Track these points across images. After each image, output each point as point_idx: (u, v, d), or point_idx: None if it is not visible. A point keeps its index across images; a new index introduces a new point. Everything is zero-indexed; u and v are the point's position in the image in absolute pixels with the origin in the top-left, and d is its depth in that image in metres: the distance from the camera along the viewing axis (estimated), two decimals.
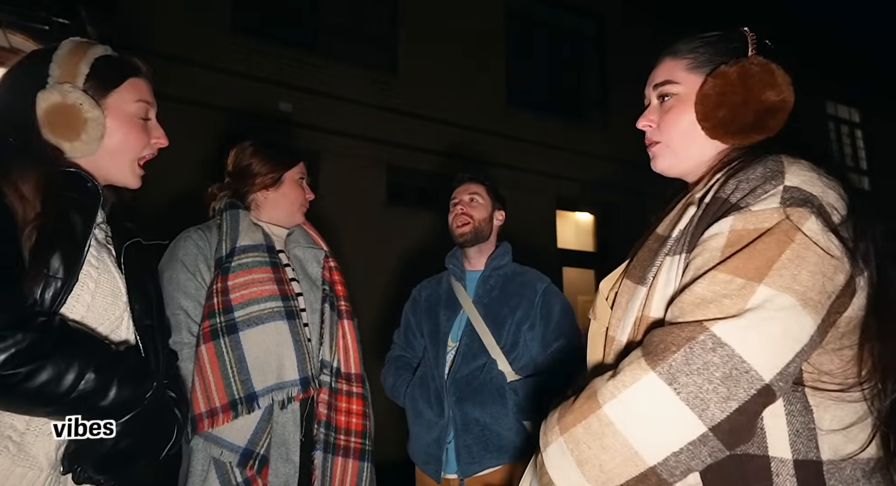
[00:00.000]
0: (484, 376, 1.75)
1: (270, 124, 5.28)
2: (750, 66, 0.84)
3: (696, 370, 0.66)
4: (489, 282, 1.87)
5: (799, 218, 0.70)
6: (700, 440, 0.66)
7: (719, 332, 0.66)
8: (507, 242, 1.98)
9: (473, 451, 1.70)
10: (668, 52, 0.94)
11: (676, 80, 0.91)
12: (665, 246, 0.83)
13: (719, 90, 0.84)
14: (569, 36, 7.72)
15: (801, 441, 0.71)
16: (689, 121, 0.89)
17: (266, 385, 1.45)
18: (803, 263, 0.68)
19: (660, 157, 0.95)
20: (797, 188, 0.72)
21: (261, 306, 1.49)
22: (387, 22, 6.30)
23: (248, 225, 1.61)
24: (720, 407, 0.65)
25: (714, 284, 0.70)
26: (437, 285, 2.00)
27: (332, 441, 1.54)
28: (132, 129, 1.03)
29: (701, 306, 0.70)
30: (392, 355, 2.04)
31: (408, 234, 5.74)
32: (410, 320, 2.01)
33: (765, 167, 0.76)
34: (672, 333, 0.70)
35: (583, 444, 0.72)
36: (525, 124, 6.81)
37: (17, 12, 3.19)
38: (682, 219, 0.82)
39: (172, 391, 1.10)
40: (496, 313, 1.81)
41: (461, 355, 1.79)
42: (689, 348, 0.67)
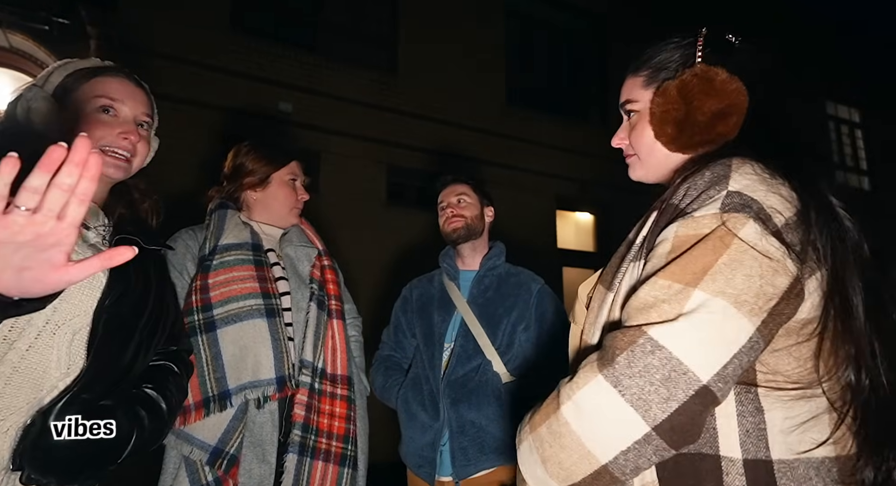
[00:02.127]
0: (479, 377, 1.74)
1: (270, 124, 5.28)
2: (689, 79, 0.84)
3: (638, 373, 0.68)
4: (484, 282, 1.86)
5: (735, 223, 0.71)
6: (644, 439, 0.68)
7: (656, 335, 0.69)
8: (500, 241, 1.97)
9: (469, 453, 1.69)
10: (630, 70, 0.97)
11: (635, 97, 0.94)
12: (630, 252, 0.85)
13: (661, 108, 0.87)
14: (569, 36, 7.72)
15: (751, 441, 0.73)
16: (650, 136, 0.91)
17: (240, 383, 1.43)
18: (738, 267, 0.70)
19: (633, 168, 0.99)
20: (738, 193, 0.74)
21: (239, 303, 1.48)
22: (387, 22, 6.30)
23: (234, 224, 1.60)
24: (661, 408, 0.67)
25: (654, 289, 0.73)
26: (429, 283, 1.98)
27: (310, 444, 1.49)
28: (86, 122, 1.04)
29: (643, 310, 0.72)
30: (381, 355, 2.02)
31: (407, 234, 5.74)
32: (401, 319, 1.99)
33: (712, 172, 0.77)
34: (617, 337, 0.72)
35: (545, 442, 0.75)
36: (525, 124, 6.81)
37: (17, 12, 3.19)
38: (646, 225, 0.84)
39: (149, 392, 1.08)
40: (491, 313, 1.80)
41: (456, 357, 1.78)
42: (631, 351, 0.70)
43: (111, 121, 1.06)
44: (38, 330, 0.89)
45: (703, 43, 0.88)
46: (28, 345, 0.88)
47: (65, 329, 0.92)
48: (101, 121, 1.04)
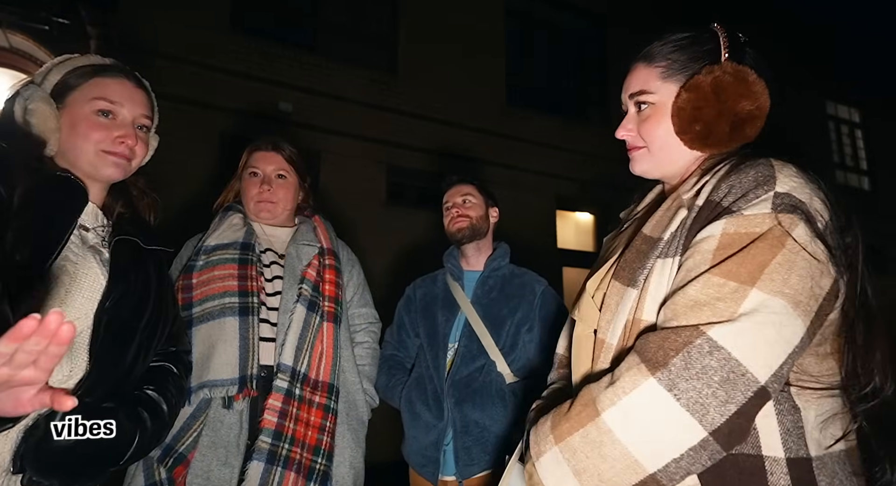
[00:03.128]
0: (483, 377, 1.74)
1: (270, 124, 5.28)
2: (723, 77, 0.83)
3: (695, 375, 0.66)
4: (488, 283, 1.86)
5: (789, 224, 0.71)
6: (701, 445, 0.66)
7: (715, 336, 0.67)
8: (504, 243, 1.97)
9: (473, 453, 1.69)
10: (641, 58, 0.93)
11: (651, 89, 0.91)
12: (656, 248, 0.82)
13: (694, 104, 0.84)
14: (569, 36, 7.71)
15: (792, 439, 0.72)
16: (666, 129, 0.89)
17: (200, 381, 1.39)
18: (793, 267, 0.69)
19: (639, 161, 0.95)
20: (787, 194, 0.74)
21: (215, 302, 1.46)
22: (387, 22, 6.30)
23: (229, 225, 1.59)
24: (720, 411, 0.66)
25: (707, 287, 0.71)
26: (433, 283, 1.98)
27: (283, 453, 1.40)
28: (84, 123, 1.04)
29: (695, 308, 0.71)
30: (384, 354, 2.00)
31: (407, 234, 5.74)
32: (404, 318, 1.99)
33: (756, 172, 0.77)
34: (669, 338, 0.70)
35: (580, 453, 0.71)
36: (525, 124, 6.81)
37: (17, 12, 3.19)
38: (673, 221, 0.82)
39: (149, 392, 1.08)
40: (495, 314, 1.80)
41: (460, 357, 1.78)
42: (687, 352, 0.67)
43: (109, 124, 1.06)
44: None
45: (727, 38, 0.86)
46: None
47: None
48: (100, 124, 1.05)
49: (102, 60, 1.12)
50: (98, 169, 1.06)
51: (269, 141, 1.68)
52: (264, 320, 1.51)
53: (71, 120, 1.03)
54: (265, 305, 1.52)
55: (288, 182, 1.66)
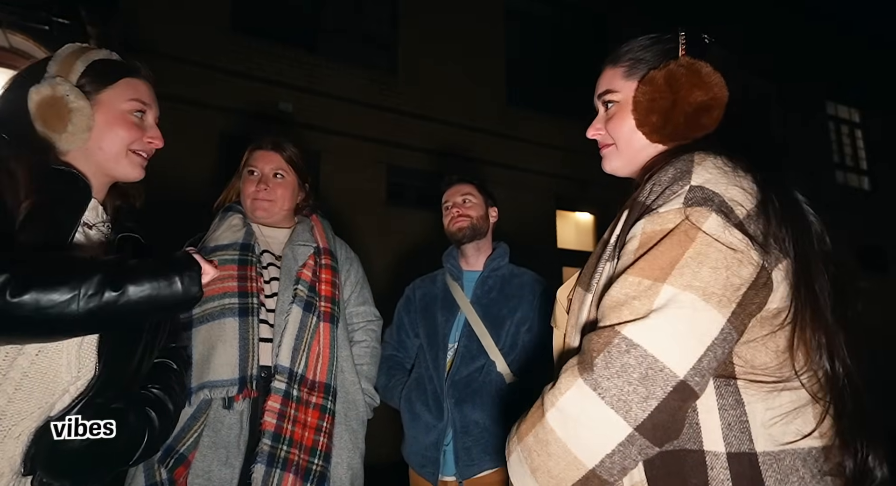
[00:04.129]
0: (483, 377, 1.74)
1: (270, 124, 5.28)
2: (676, 69, 0.85)
3: (616, 374, 0.68)
4: (488, 283, 1.86)
5: (698, 217, 0.72)
6: (628, 440, 0.68)
7: (630, 334, 0.69)
8: (504, 242, 1.97)
9: (473, 453, 1.69)
10: (609, 60, 0.97)
11: (615, 88, 0.94)
12: (605, 252, 0.84)
13: (649, 96, 0.87)
14: (569, 36, 7.71)
15: (734, 434, 0.73)
16: (630, 126, 0.91)
17: (200, 382, 1.40)
18: (704, 260, 0.70)
19: (609, 158, 0.98)
20: (700, 187, 0.74)
21: (215, 303, 1.46)
22: (387, 22, 6.30)
23: (228, 226, 1.59)
24: (641, 407, 0.67)
25: (624, 286, 0.73)
26: (432, 283, 1.98)
27: (281, 455, 1.40)
28: (121, 123, 1.05)
29: (616, 309, 0.72)
30: (384, 355, 1.99)
31: (407, 234, 5.74)
32: (404, 319, 1.98)
33: (675, 168, 0.78)
34: (592, 339, 0.72)
35: (534, 452, 0.75)
36: (525, 124, 6.81)
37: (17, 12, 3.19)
38: (619, 224, 0.84)
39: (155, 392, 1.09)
40: (495, 314, 1.80)
41: (460, 357, 1.77)
42: (608, 352, 0.69)
43: (140, 124, 1.08)
44: None
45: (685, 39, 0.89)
46: (38, 349, 0.88)
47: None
48: (134, 124, 1.07)
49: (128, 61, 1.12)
50: (122, 167, 1.07)
51: (269, 140, 1.68)
52: (263, 321, 1.50)
53: (105, 119, 1.03)
54: (264, 306, 1.52)
55: (286, 182, 1.65)
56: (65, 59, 1.03)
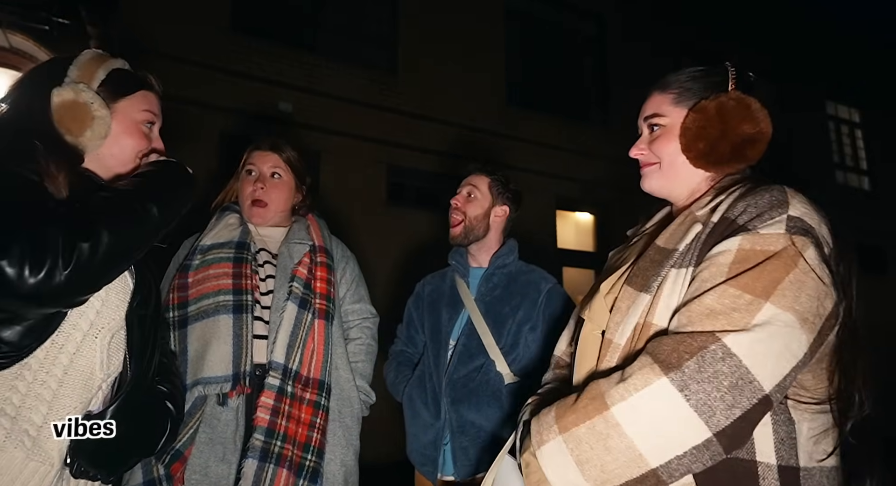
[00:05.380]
0: (481, 377, 1.72)
1: (270, 124, 5.28)
2: (727, 101, 0.91)
3: (707, 378, 0.70)
4: (492, 280, 1.83)
5: (802, 245, 0.77)
6: (704, 445, 0.70)
7: (729, 343, 0.71)
8: (513, 239, 1.92)
9: (470, 453, 1.67)
10: (657, 87, 1.02)
11: (663, 113, 0.99)
12: (670, 258, 0.87)
13: (699, 124, 0.92)
14: (569, 36, 7.71)
15: (785, 448, 0.77)
16: (674, 149, 0.97)
17: (195, 378, 1.41)
18: (803, 286, 0.74)
19: (650, 177, 1.03)
20: (799, 219, 0.79)
21: (210, 300, 1.48)
22: (387, 22, 6.30)
23: (225, 225, 1.60)
24: (725, 414, 0.69)
25: (724, 297, 0.75)
26: (441, 280, 1.95)
27: (275, 450, 1.41)
28: (135, 133, 1.10)
29: (710, 316, 0.75)
30: (394, 350, 2.01)
31: (408, 233, 5.74)
32: (413, 314, 1.98)
33: (771, 195, 0.82)
34: (684, 341, 0.74)
35: (585, 444, 0.75)
36: (525, 124, 6.81)
37: (17, 12, 3.19)
38: (688, 235, 0.87)
39: (165, 386, 1.14)
40: (497, 312, 1.77)
41: (458, 355, 1.75)
42: (701, 356, 0.71)
43: (149, 134, 1.14)
44: (84, 333, 0.94)
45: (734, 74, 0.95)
46: (76, 348, 0.93)
47: (105, 333, 0.97)
48: (145, 134, 1.13)
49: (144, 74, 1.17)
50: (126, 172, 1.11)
51: (268, 141, 1.69)
52: (258, 319, 1.52)
53: (120, 128, 1.08)
54: (259, 303, 1.53)
55: (283, 182, 1.66)
56: (86, 66, 1.06)
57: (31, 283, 0.78)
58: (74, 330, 0.93)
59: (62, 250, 0.81)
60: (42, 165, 0.92)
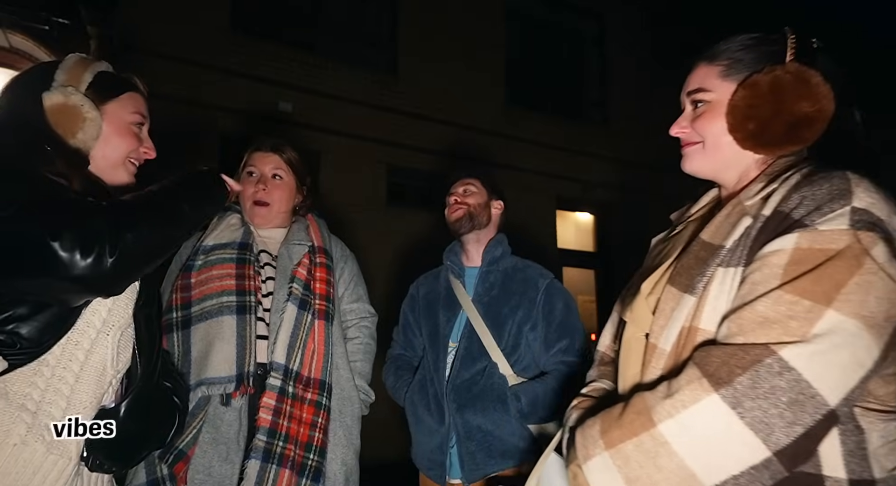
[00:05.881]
0: (485, 381, 1.70)
1: (270, 124, 5.28)
2: (783, 76, 0.80)
3: (762, 395, 0.65)
4: (489, 279, 1.81)
5: (869, 242, 0.68)
6: (763, 465, 0.65)
7: (787, 356, 0.65)
8: (503, 233, 1.91)
9: (477, 458, 1.66)
10: (704, 58, 0.91)
11: (709, 87, 0.89)
12: (717, 256, 0.80)
13: (748, 102, 0.82)
14: (569, 36, 7.71)
15: (855, 461, 0.71)
16: (720, 127, 0.87)
17: (198, 379, 1.42)
18: (871, 288, 0.67)
19: (692, 158, 0.93)
20: (865, 211, 0.70)
21: (213, 301, 1.48)
22: (387, 22, 6.30)
23: (227, 225, 1.61)
24: (785, 432, 0.64)
25: (779, 304, 0.68)
26: (436, 280, 1.94)
27: (277, 451, 1.42)
28: (126, 134, 1.11)
29: (764, 325, 0.68)
30: (392, 354, 2.00)
31: (408, 233, 5.74)
32: (409, 317, 1.97)
33: (831, 184, 0.73)
34: (736, 355, 0.68)
35: (633, 461, 0.71)
36: (525, 124, 6.81)
37: (17, 12, 3.19)
38: (736, 229, 0.79)
39: (168, 381, 1.18)
40: (496, 313, 1.76)
41: (460, 359, 1.74)
42: (755, 371, 0.66)
43: (139, 135, 1.15)
44: (97, 330, 0.97)
45: (794, 43, 0.84)
46: (90, 344, 0.96)
47: (115, 330, 0.99)
48: (134, 134, 1.13)
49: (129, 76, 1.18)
50: (118, 175, 1.13)
51: (269, 142, 1.69)
52: (260, 319, 1.52)
53: (110, 129, 1.09)
54: (261, 304, 1.54)
55: (284, 183, 1.66)
56: (72, 69, 1.07)
57: (81, 266, 0.82)
58: (88, 327, 0.96)
59: (108, 238, 0.85)
60: (59, 167, 0.95)
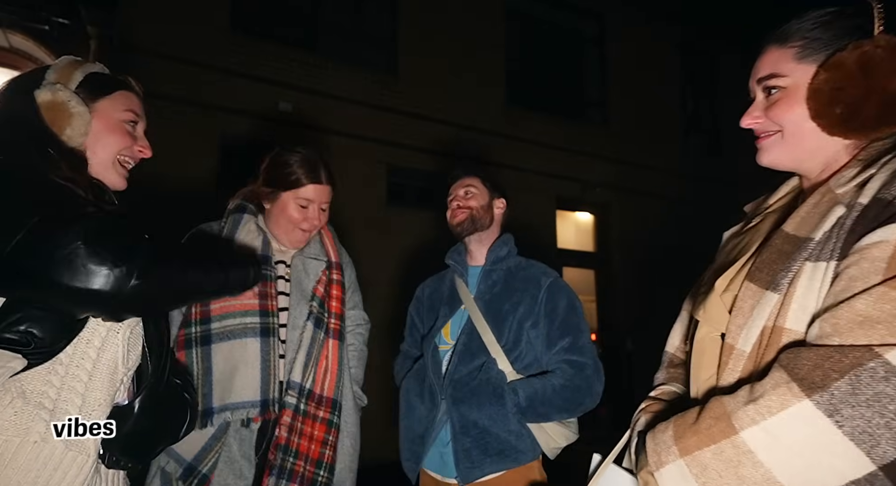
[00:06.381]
0: (482, 375, 1.70)
1: (270, 124, 5.28)
2: (873, 51, 0.72)
3: (864, 402, 0.59)
4: (491, 277, 1.81)
5: None
6: (867, 480, 0.59)
7: (894, 359, 0.59)
8: (508, 233, 1.91)
9: (472, 455, 1.65)
10: (774, 39, 0.83)
11: (782, 72, 0.81)
12: (804, 249, 0.73)
13: (834, 84, 0.74)
14: (569, 36, 7.71)
15: None
16: (800, 115, 0.79)
17: (223, 403, 1.40)
18: None
19: (769, 149, 0.85)
20: None
21: (237, 320, 1.45)
22: (387, 22, 6.30)
23: (248, 231, 1.55)
24: (894, 444, 0.58)
25: (883, 301, 0.62)
26: (440, 282, 1.95)
27: (288, 466, 1.44)
28: (117, 131, 1.11)
29: (864, 325, 0.62)
30: (402, 349, 2.02)
31: (408, 234, 5.74)
32: (414, 318, 1.98)
33: None
34: (831, 357, 0.62)
35: (712, 470, 0.66)
36: (525, 124, 6.81)
37: (17, 12, 3.20)
38: (827, 219, 0.72)
39: (178, 378, 1.18)
40: (497, 309, 1.76)
41: (458, 355, 1.74)
42: (856, 375, 0.60)
43: (132, 134, 1.14)
44: (107, 329, 0.98)
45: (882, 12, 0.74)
46: (101, 343, 0.97)
47: (125, 328, 1.00)
48: (126, 132, 1.13)
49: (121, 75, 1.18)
50: (109, 175, 1.12)
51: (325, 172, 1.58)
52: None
53: (101, 125, 1.09)
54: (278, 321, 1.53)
55: (327, 212, 1.63)
56: (63, 69, 1.09)
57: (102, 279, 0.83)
58: (99, 326, 0.97)
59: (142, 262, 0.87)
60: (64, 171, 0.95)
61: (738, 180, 7.87)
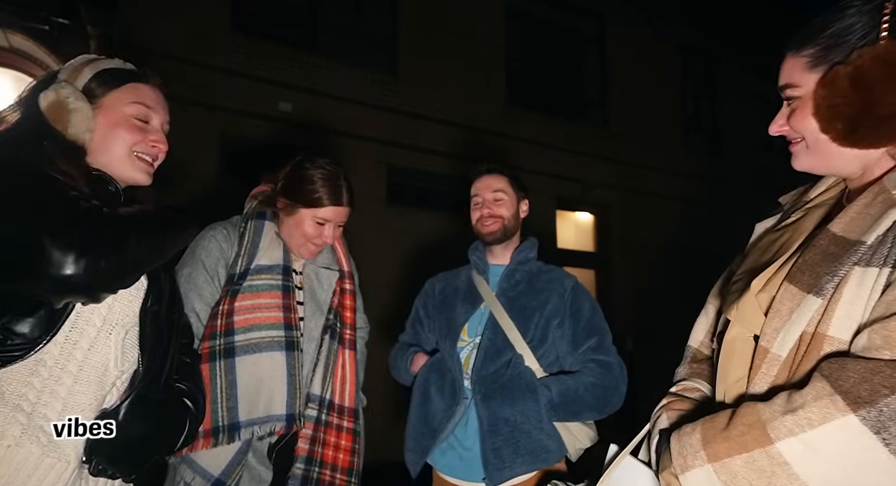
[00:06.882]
0: (511, 371, 1.64)
1: (270, 124, 5.28)
2: (866, 64, 0.69)
3: None
4: (515, 276, 1.78)
5: None
6: None
7: None
8: (533, 236, 1.90)
9: (503, 454, 1.57)
10: (791, 46, 0.80)
11: (797, 82, 0.78)
12: (853, 253, 0.68)
13: (829, 101, 0.72)
14: (569, 36, 7.71)
15: None
16: (815, 126, 0.77)
17: (251, 418, 1.40)
18: None
19: (799, 157, 0.82)
20: None
21: (262, 333, 1.44)
22: (387, 22, 6.30)
23: (269, 240, 1.53)
24: None
25: None
26: (455, 278, 1.91)
27: (314, 476, 1.49)
28: (124, 125, 1.07)
29: None
30: (402, 338, 2.00)
31: (408, 234, 5.74)
32: (419, 311, 1.95)
33: None
34: (881, 371, 0.59)
35: (742, 479, 0.64)
36: (525, 124, 6.81)
37: (17, 12, 3.19)
38: (881, 222, 0.68)
39: (184, 384, 1.14)
40: (523, 306, 1.72)
41: (483, 351, 1.68)
42: None
43: (144, 127, 1.10)
44: (97, 329, 0.95)
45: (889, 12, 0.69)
46: (90, 344, 0.94)
47: (119, 329, 0.98)
48: (136, 126, 1.09)
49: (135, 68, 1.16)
50: (128, 170, 1.09)
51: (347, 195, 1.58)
52: None
53: (107, 121, 1.06)
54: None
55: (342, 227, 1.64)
56: (75, 67, 1.08)
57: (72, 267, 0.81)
58: (88, 326, 0.94)
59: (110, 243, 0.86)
60: (58, 163, 0.93)
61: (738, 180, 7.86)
